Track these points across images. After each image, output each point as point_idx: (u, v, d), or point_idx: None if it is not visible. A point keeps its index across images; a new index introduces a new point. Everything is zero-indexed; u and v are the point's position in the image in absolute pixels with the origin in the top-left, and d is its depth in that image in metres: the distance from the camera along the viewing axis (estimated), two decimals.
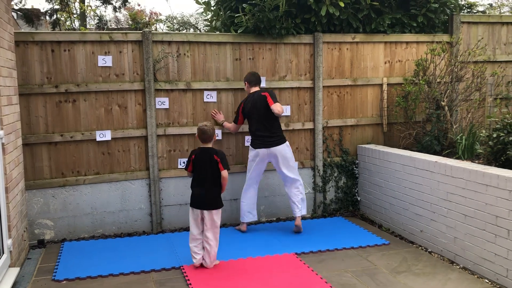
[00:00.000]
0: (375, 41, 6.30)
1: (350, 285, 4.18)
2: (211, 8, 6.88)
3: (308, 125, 6.16)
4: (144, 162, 5.65)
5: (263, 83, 5.88)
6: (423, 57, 6.11)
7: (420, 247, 5.08)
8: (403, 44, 6.43)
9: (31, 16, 15.40)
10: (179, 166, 5.73)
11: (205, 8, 6.94)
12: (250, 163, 5.52)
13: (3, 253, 4.12)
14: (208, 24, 7.25)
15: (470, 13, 7.47)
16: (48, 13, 16.98)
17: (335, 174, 6.32)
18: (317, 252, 4.95)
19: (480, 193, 4.29)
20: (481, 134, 5.21)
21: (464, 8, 7.57)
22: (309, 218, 6.14)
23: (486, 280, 4.24)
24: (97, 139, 5.42)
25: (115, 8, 19.12)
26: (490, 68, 6.52)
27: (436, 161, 4.83)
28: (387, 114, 6.38)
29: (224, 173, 4.52)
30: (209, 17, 7.21)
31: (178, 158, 5.74)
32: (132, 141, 5.59)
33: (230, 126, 5.69)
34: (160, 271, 4.52)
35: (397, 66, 6.44)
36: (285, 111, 5.99)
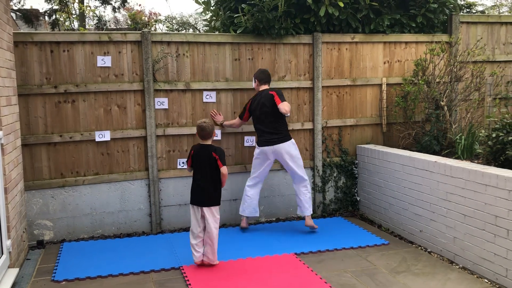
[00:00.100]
0: (374, 41, 6.30)
1: (350, 285, 4.18)
2: (211, 8, 6.88)
3: (308, 125, 6.16)
4: (144, 163, 5.65)
5: None
6: (422, 57, 6.12)
7: (420, 247, 5.08)
8: (402, 44, 6.43)
9: (30, 17, 15.39)
10: (179, 167, 5.73)
11: (205, 8, 6.93)
12: (255, 161, 5.52)
13: (2, 254, 4.12)
14: (207, 24, 7.25)
15: (469, 13, 7.48)
16: (47, 14, 16.97)
17: (335, 174, 6.32)
18: (317, 252, 4.95)
19: (480, 193, 4.29)
20: (480, 134, 5.22)
21: (463, 8, 7.57)
22: None
23: (486, 280, 4.24)
24: (96, 140, 5.42)
25: (114, 9, 19.12)
26: (489, 68, 6.53)
27: (436, 161, 4.83)
28: (387, 114, 6.39)
29: (223, 170, 4.52)
30: (208, 17, 7.21)
31: (178, 159, 5.74)
32: (132, 142, 5.59)
33: (234, 121, 5.68)
34: (160, 272, 4.52)
35: (396, 66, 6.45)
36: None
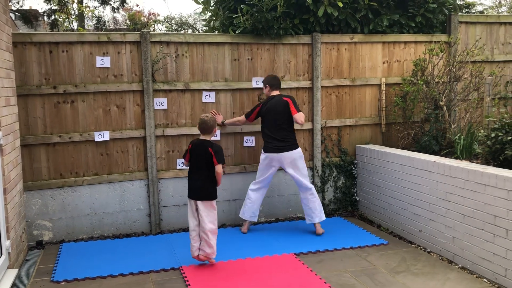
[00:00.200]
0: (374, 41, 6.30)
1: (349, 285, 4.18)
2: (210, 8, 6.88)
3: (307, 125, 6.15)
4: (143, 163, 5.64)
5: (261, 84, 5.88)
6: (422, 57, 6.12)
7: (419, 247, 5.09)
8: (402, 44, 6.43)
9: (29, 17, 15.36)
10: (178, 167, 5.73)
11: (204, 8, 6.94)
12: (260, 166, 5.50)
13: (2, 255, 4.11)
14: (207, 24, 7.25)
15: (468, 13, 7.48)
16: (46, 14, 16.96)
17: (334, 174, 6.32)
18: (316, 253, 4.95)
19: (479, 193, 4.29)
20: (480, 134, 5.22)
21: (462, 8, 7.58)
22: None
23: (485, 280, 4.25)
24: (96, 140, 5.42)
25: (114, 9, 19.10)
26: (488, 68, 6.53)
27: (435, 161, 4.84)
28: (386, 114, 6.39)
29: (218, 168, 4.50)
30: (208, 17, 7.21)
31: (177, 159, 5.73)
32: (131, 142, 5.59)
33: (239, 118, 5.63)
34: (159, 272, 4.52)
35: (396, 66, 6.45)
36: None
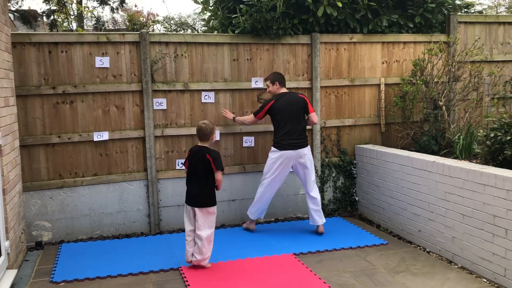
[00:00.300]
0: (373, 41, 6.31)
1: (349, 285, 4.18)
2: (209, 8, 6.88)
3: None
4: (142, 163, 5.64)
5: (261, 84, 5.89)
6: (421, 57, 6.13)
7: (419, 247, 5.09)
8: (401, 44, 6.44)
9: (28, 17, 15.33)
10: (177, 167, 5.73)
11: (203, 8, 6.94)
12: (271, 165, 5.32)
13: (1, 255, 4.11)
14: (206, 24, 7.25)
15: (467, 13, 7.49)
16: (45, 14, 16.93)
17: (333, 174, 6.32)
18: (316, 253, 4.95)
19: (478, 193, 4.29)
20: (479, 134, 5.22)
21: (461, 8, 7.58)
22: (307, 219, 6.14)
23: (484, 280, 4.25)
24: (95, 140, 5.42)
25: (113, 9, 19.08)
26: (487, 68, 6.53)
27: (434, 161, 4.84)
28: (385, 114, 6.39)
29: (218, 176, 4.50)
30: (207, 17, 7.21)
31: (176, 159, 5.73)
32: (130, 142, 5.59)
33: (248, 118, 5.55)
34: (159, 272, 4.52)
35: (395, 66, 6.45)
36: None
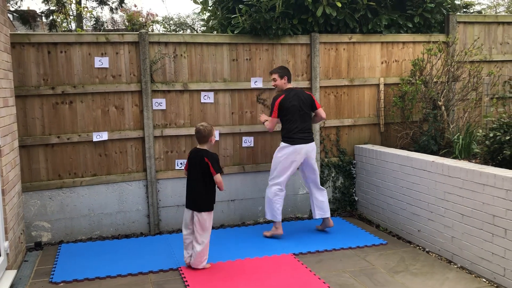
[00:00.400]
0: (372, 41, 6.31)
1: (348, 285, 4.18)
2: (209, 8, 6.88)
3: None
4: (141, 164, 5.64)
5: (260, 84, 5.89)
6: (420, 57, 6.13)
7: (418, 247, 5.09)
8: (400, 44, 6.44)
9: (27, 18, 15.34)
10: (177, 167, 5.73)
11: (202, 8, 6.94)
12: (284, 162, 5.22)
13: (0, 256, 4.11)
14: (205, 25, 7.25)
15: (466, 13, 7.49)
16: (45, 15, 16.93)
17: (333, 175, 6.32)
18: (315, 253, 4.95)
19: (477, 193, 4.30)
20: (478, 134, 5.23)
21: (460, 8, 7.59)
22: (307, 219, 6.14)
23: (484, 279, 4.25)
24: (94, 140, 5.41)
25: (112, 9, 19.07)
26: (487, 68, 6.54)
27: (433, 161, 4.84)
28: (384, 114, 6.39)
29: (217, 178, 4.48)
30: (206, 17, 7.21)
31: (175, 159, 5.73)
32: (129, 143, 5.58)
33: (270, 124, 5.35)
34: (158, 273, 4.52)
35: (394, 66, 6.45)
36: None
